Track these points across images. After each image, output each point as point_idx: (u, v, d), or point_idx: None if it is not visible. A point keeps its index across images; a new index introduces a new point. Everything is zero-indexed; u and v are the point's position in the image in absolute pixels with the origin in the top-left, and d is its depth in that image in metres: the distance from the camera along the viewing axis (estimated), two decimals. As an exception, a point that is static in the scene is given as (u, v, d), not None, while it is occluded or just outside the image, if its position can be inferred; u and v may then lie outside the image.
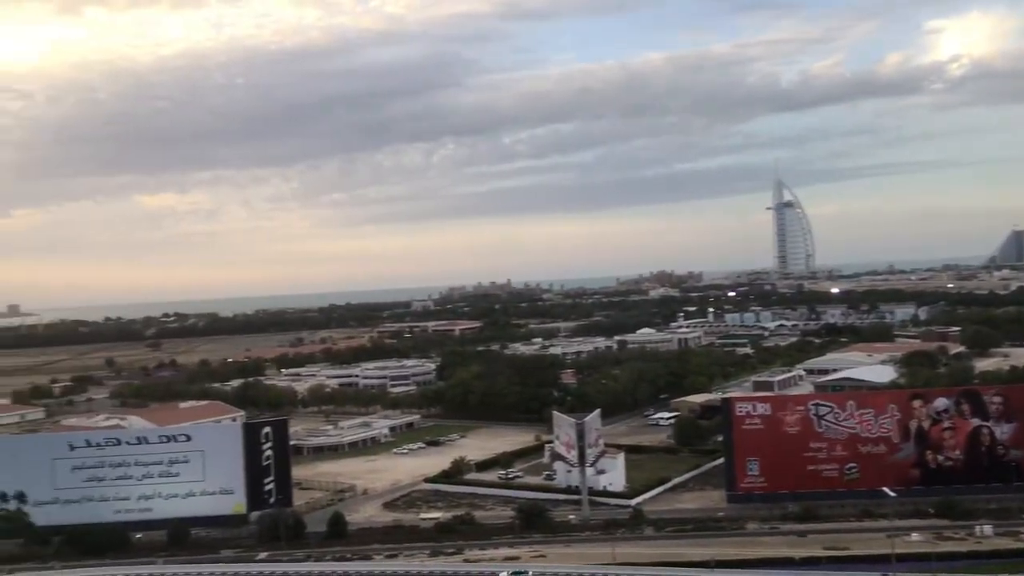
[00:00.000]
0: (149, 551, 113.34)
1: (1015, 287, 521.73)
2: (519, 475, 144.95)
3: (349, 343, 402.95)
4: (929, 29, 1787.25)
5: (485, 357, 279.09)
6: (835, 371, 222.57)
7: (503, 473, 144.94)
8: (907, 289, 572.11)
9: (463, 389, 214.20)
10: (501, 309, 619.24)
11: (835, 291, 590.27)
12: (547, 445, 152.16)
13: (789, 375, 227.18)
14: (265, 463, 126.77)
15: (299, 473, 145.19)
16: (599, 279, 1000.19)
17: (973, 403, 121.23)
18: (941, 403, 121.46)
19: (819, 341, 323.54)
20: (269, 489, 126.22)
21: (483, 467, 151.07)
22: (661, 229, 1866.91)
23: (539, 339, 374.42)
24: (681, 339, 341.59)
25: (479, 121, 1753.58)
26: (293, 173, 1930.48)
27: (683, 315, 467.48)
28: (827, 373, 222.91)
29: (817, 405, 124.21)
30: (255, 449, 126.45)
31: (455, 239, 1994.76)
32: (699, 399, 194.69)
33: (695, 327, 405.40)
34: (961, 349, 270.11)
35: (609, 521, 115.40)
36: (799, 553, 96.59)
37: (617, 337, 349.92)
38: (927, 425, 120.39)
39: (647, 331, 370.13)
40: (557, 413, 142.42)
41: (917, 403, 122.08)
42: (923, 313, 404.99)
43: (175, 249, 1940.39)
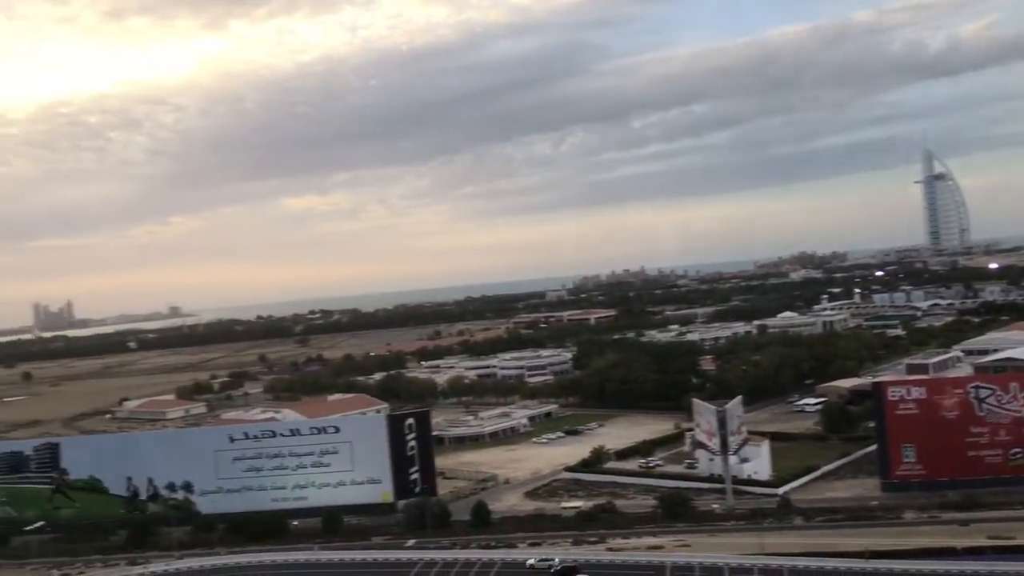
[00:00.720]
0: (305, 538, 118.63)
1: None
2: (659, 464, 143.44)
3: (486, 335, 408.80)
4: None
5: (621, 345, 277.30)
6: (996, 352, 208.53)
7: (643, 462, 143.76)
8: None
9: (600, 378, 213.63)
10: (636, 296, 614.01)
11: (993, 266, 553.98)
12: (687, 433, 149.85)
13: (945, 357, 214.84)
14: (410, 453, 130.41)
15: (442, 463, 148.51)
16: (736, 263, 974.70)
17: None
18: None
19: (977, 320, 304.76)
20: (414, 478, 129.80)
21: (623, 456, 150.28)
22: (801, 209, 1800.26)
23: (675, 326, 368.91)
24: (825, 322, 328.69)
25: (608, 107, 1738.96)
26: (426, 170, 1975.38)
27: (827, 297, 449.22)
28: (987, 354, 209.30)
29: (978, 388, 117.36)
30: (400, 440, 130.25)
31: (587, 228, 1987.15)
32: (847, 384, 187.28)
33: (840, 309, 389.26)
34: None
35: (755, 510, 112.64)
36: (962, 543, 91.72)
37: (757, 322, 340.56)
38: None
39: (789, 315, 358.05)
40: (697, 400, 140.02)
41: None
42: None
43: (318, 248, 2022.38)
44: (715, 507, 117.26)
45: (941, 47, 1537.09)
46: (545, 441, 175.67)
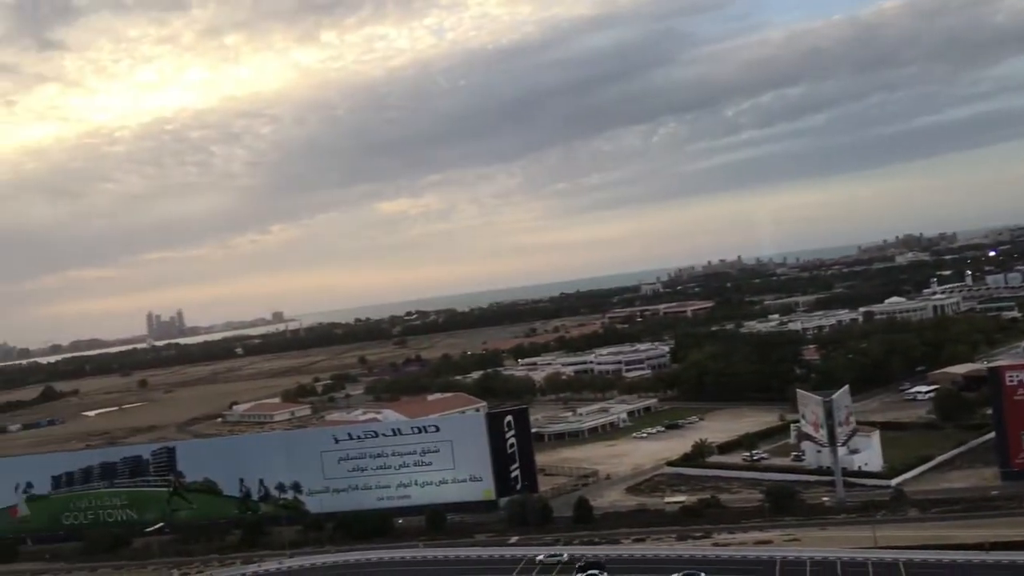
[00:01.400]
0: (410, 536, 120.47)
1: None
2: (764, 457, 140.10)
3: (581, 330, 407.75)
4: None
5: (720, 337, 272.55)
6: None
7: (747, 455, 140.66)
8: None
9: (699, 371, 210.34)
10: (733, 287, 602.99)
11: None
12: (792, 425, 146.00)
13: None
14: (510, 450, 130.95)
15: (542, 460, 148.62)
16: (837, 248, 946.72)
17: None
18: None
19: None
20: (515, 475, 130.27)
21: (725, 449, 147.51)
22: (905, 189, 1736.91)
23: (776, 315, 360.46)
24: (936, 306, 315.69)
25: (698, 96, 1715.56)
26: (516, 168, 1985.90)
27: (936, 280, 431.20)
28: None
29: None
30: (499, 437, 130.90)
31: (680, 219, 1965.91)
32: (961, 370, 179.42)
33: (951, 292, 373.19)
34: None
35: (867, 503, 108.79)
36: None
37: (862, 308, 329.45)
38: None
39: (896, 300, 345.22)
40: (801, 391, 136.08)
41: None
42: None
43: (412, 250, 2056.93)
44: (825, 500, 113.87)
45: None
46: (645, 436, 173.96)
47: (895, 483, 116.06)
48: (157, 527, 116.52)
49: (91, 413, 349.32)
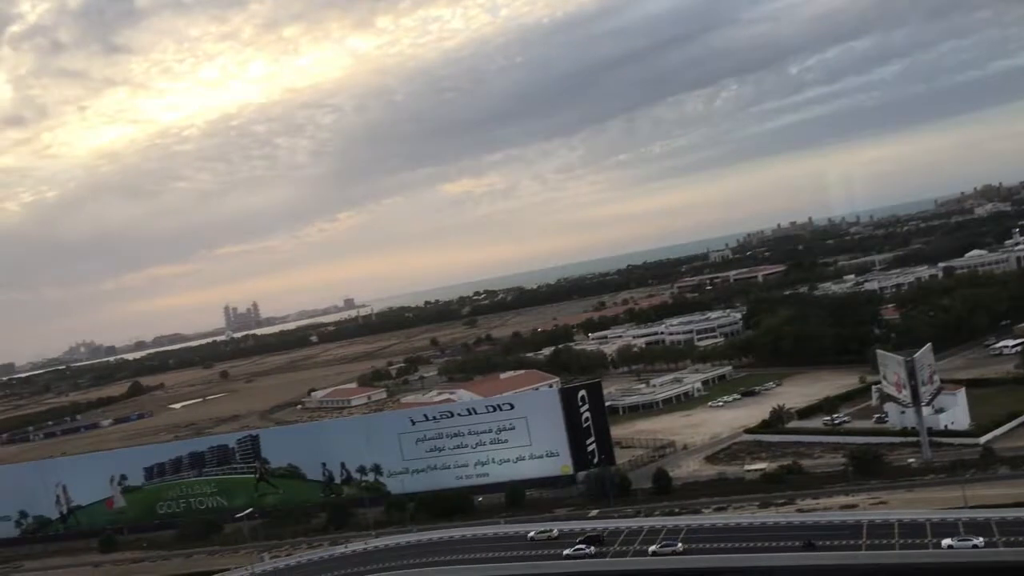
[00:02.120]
0: (490, 513, 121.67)
1: None
2: (846, 420, 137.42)
3: (650, 301, 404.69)
4: None
5: (794, 301, 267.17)
6: None
7: (828, 419, 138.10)
8: None
9: (774, 336, 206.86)
10: (805, 249, 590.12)
11: None
12: (874, 387, 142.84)
13: None
14: (585, 425, 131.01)
15: (617, 432, 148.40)
16: (913, 203, 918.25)
17: None
18: None
19: None
20: (591, 449, 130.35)
21: (805, 414, 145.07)
22: (981, 138, 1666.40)
23: (851, 276, 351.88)
24: (1019, 257, 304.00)
25: (761, 56, 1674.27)
26: (577, 141, 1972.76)
27: (1018, 231, 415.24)
28: None
29: None
30: (574, 412, 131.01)
31: (747, 183, 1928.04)
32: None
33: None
34: None
35: (955, 462, 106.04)
36: None
37: (942, 264, 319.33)
38: None
39: (977, 253, 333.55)
40: (881, 352, 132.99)
41: None
42: None
43: (477, 230, 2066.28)
44: (911, 461, 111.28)
45: None
46: (721, 404, 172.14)
47: (983, 441, 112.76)
48: (246, 513, 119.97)
49: (177, 405, 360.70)
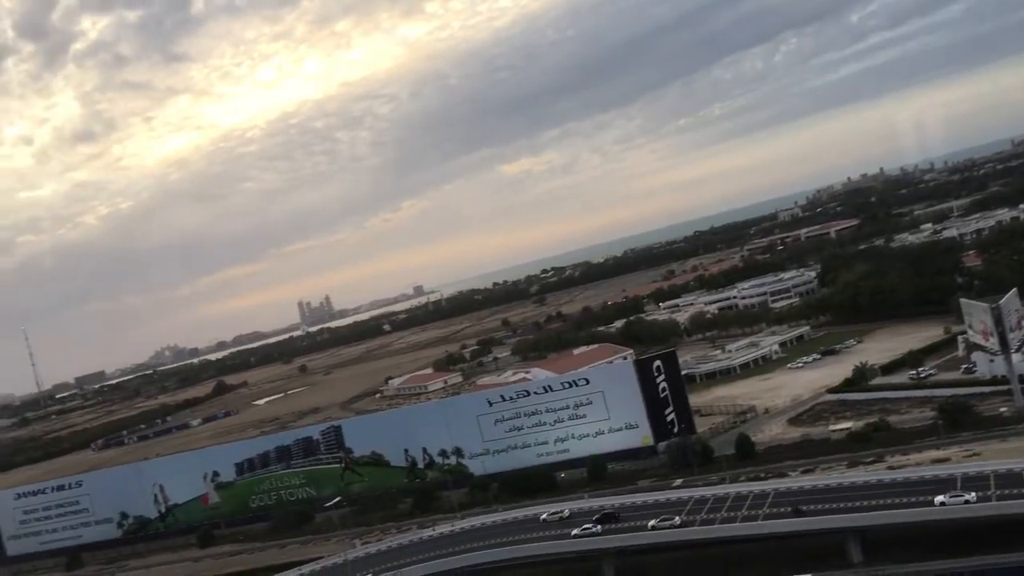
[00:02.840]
0: (573, 488, 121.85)
1: None
2: (932, 373, 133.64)
3: (720, 266, 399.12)
4: None
5: (870, 254, 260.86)
6: None
7: (913, 373, 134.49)
8: None
9: (851, 292, 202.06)
10: (878, 201, 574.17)
11: None
12: (960, 337, 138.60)
13: None
14: (662, 395, 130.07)
15: (696, 400, 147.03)
16: (988, 145, 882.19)
17: None
18: None
19: None
20: (671, 419, 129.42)
21: (889, 370, 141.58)
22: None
23: (928, 225, 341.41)
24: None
25: (820, 5, 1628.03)
26: (635, 110, 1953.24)
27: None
28: None
29: None
30: (650, 383, 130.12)
31: (812, 138, 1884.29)
32: None
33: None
34: None
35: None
36: None
37: (1023, 205, 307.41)
38: None
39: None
40: (965, 300, 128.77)
41: None
42: None
43: (540, 208, 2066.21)
44: (1002, 410, 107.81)
45: None
46: (801, 365, 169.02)
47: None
48: (335, 502, 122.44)
49: (261, 401, 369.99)
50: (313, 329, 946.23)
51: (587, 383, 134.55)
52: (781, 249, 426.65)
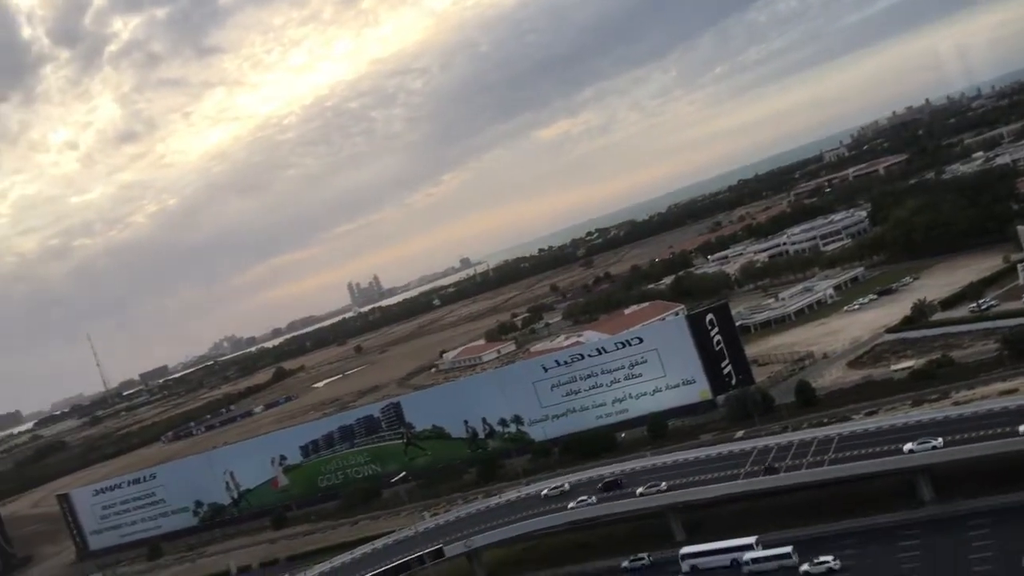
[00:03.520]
0: (634, 447, 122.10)
1: None
2: (993, 304, 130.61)
3: (768, 213, 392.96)
4: None
5: (921, 188, 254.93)
6: None
7: (975, 306, 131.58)
8: None
9: (904, 229, 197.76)
10: (926, 133, 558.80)
11: None
12: (1020, 265, 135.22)
13: None
14: (717, 348, 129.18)
15: (752, 351, 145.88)
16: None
17: None
18: None
19: None
20: (727, 372, 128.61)
21: (948, 304, 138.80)
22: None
23: (979, 153, 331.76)
24: None
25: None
26: (669, 63, 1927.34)
27: None
28: None
29: None
30: (704, 337, 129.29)
31: (853, 75, 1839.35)
32: None
33: None
34: None
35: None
36: None
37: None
38: None
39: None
40: (1023, 227, 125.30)
41: None
42: None
43: (580, 170, 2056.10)
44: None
45: None
46: (857, 307, 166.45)
47: None
48: (400, 477, 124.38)
49: (319, 384, 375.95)
50: (364, 309, 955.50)
51: (641, 342, 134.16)
52: (829, 191, 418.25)
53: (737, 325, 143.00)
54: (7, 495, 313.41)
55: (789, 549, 74.88)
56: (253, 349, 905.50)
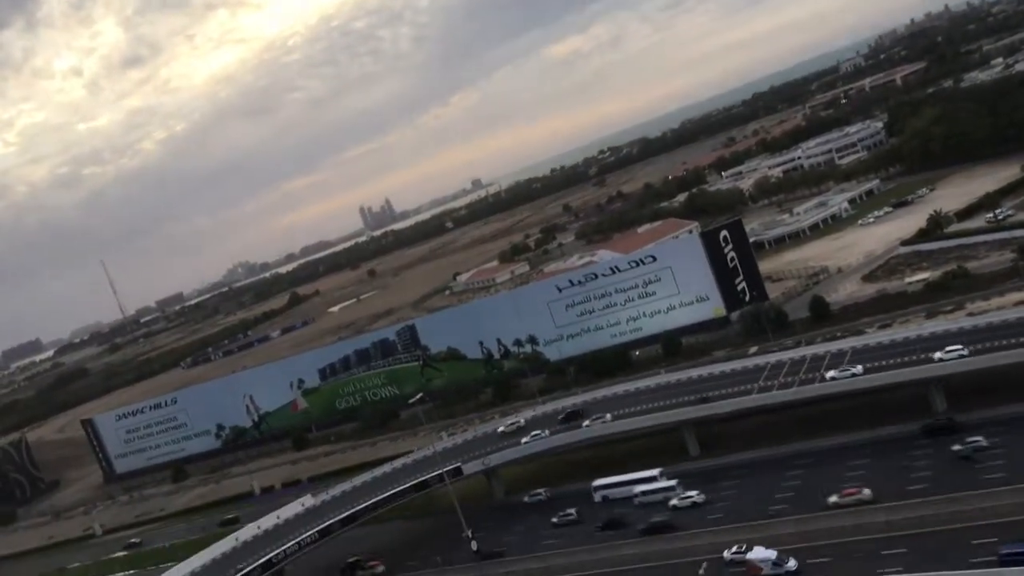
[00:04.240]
0: (649, 365, 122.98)
1: None
2: (1010, 214, 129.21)
3: (782, 127, 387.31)
4: None
5: (939, 97, 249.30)
6: None
7: (991, 216, 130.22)
8: None
9: (921, 139, 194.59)
10: (944, 40, 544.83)
11: None
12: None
13: None
14: (731, 265, 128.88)
15: (766, 267, 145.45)
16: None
17: None
18: None
19: None
20: (741, 288, 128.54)
21: (964, 215, 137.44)
22: None
23: (999, 60, 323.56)
24: None
25: None
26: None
27: None
28: None
29: None
30: (718, 254, 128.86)
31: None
32: None
33: None
34: None
35: None
36: None
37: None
38: None
39: None
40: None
41: None
42: None
43: (593, 87, 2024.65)
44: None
45: None
46: (872, 220, 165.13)
47: None
48: (417, 398, 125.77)
49: (335, 308, 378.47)
50: (377, 233, 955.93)
51: (654, 260, 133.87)
52: (845, 103, 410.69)
53: (751, 241, 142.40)
54: (32, 421, 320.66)
55: (675, 483, 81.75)
56: (267, 275, 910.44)
